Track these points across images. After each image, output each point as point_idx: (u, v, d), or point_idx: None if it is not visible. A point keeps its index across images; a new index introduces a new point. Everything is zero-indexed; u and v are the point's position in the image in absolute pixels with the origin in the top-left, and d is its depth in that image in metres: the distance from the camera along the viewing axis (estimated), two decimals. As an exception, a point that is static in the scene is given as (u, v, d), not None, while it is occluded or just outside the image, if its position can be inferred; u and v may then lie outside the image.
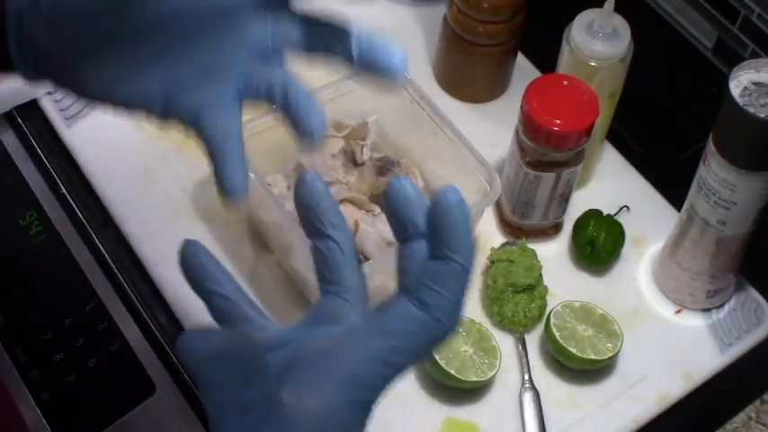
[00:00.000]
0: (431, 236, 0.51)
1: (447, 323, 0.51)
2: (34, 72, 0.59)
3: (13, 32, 0.57)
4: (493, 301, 0.90)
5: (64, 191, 0.96)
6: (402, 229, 0.52)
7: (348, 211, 0.89)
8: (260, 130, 0.89)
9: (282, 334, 0.53)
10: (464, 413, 0.86)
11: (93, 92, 0.58)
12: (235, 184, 0.57)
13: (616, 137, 1.02)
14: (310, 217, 0.55)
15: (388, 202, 0.52)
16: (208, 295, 0.56)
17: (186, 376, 0.86)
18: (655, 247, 0.96)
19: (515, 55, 1.04)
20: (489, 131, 1.01)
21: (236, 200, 0.57)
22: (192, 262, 0.56)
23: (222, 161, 0.57)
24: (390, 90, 0.58)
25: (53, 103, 1.01)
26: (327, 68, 0.59)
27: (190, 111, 0.57)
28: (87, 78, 0.58)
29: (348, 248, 0.55)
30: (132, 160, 0.98)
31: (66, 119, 1.00)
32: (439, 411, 0.86)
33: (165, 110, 0.57)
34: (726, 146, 0.80)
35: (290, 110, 0.57)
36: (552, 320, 0.88)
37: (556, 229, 0.97)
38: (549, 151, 0.88)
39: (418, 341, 0.51)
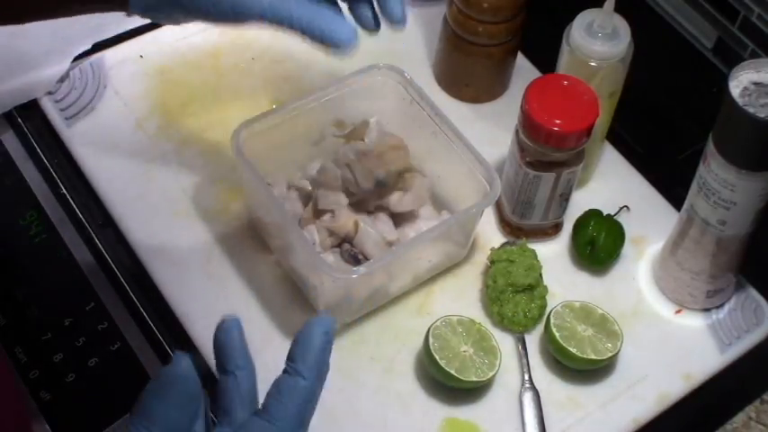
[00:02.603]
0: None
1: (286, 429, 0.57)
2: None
3: None
4: (493, 301, 0.90)
5: (64, 191, 0.96)
6: (221, 365, 0.59)
7: (348, 212, 0.89)
8: (260, 131, 0.89)
9: None
10: (464, 413, 0.86)
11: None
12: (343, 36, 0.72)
13: (616, 137, 1.02)
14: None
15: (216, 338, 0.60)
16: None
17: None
18: (655, 247, 0.96)
19: (515, 55, 1.04)
20: (489, 131, 1.01)
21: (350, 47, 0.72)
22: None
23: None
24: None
25: (53, 103, 1.01)
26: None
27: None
28: None
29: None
30: (132, 160, 0.98)
31: (66, 119, 1.00)
32: (439, 411, 0.86)
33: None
34: (726, 146, 0.80)
35: None
36: (552, 320, 0.88)
37: (556, 229, 0.97)
38: (549, 151, 0.88)
39: None
